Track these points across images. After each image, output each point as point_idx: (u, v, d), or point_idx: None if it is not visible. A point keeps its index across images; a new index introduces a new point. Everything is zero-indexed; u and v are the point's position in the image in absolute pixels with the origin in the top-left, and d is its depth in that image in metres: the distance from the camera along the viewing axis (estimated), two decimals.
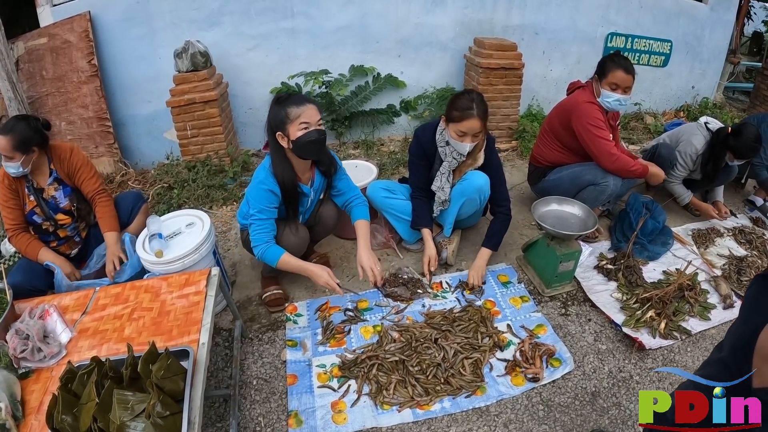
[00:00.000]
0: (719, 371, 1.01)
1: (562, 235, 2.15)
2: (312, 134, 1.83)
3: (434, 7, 3.63)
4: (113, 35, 3.24)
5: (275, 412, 1.75)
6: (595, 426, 1.72)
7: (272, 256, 1.94)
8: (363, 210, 2.18)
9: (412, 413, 1.71)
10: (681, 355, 2.04)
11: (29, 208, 2.13)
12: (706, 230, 2.89)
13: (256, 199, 1.92)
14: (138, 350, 1.32)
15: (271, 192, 1.91)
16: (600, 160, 2.46)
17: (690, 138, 2.82)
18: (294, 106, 1.82)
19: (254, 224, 1.95)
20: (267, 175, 1.92)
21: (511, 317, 2.15)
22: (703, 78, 5.02)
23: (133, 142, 3.62)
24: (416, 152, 2.32)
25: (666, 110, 4.88)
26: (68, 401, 1.18)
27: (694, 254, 2.66)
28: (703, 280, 2.44)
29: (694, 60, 4.83)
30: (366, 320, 2.11)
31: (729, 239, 2.84)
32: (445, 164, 2.27)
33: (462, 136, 2.12)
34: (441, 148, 2.26)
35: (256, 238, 1.95)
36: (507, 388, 1.82)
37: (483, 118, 2.09)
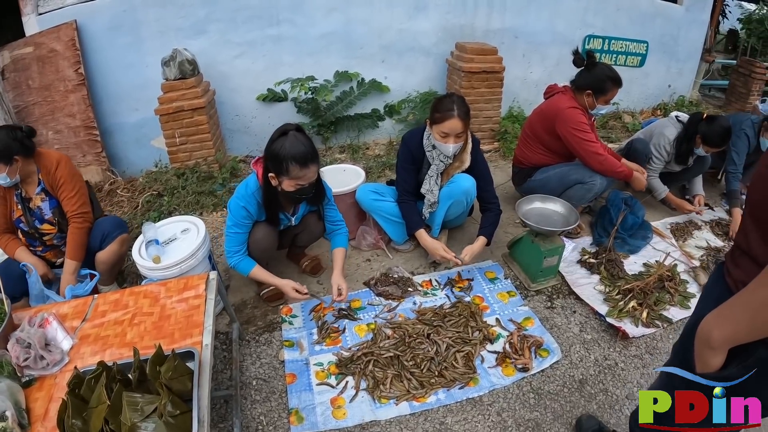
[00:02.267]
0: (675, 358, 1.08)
1: (546, 232, 2.24)
2: (305, 191, 1.93)
3: (417, 13, 3.71)
4: (100, 44, 3.24)
5: (276, 411, 1.79)
6: (584, 411, 1.81)
7: (244, 267, 2.07)
8: (343, 239, 2.25)
9: (409, 406, 1.78)
10: (663, 342, 2.14)
11: (16, 216, 2.13)
12: (684, 224, 3.03)
13: (233, 213, 2.02)
14: (142, 354, 1.35)
15: (247, 210, 1.99)
16: (589, 162, 2.56)
17: (662, 130, 2.94)
18: (298, 168, 1.83)
19: (228, 236, 2.05)
20: (247, 195, 1.99)
21: (499, 311, 2.23)
22: (680, 76, 5.21)
23: (120, 150, 3.62)
24: (405, 157, 2.39)
25: (644, 109, 5.05)
26: (77, 406, 1.20)
27: (673, 247, 2.78)
28: (682, 271, 2.55)
29: (670, 59, 5.01)
30: (360, 319, 2.17)
31: (706, 231, 2.98)
32: (433, 167, 2.35)
33: (445, 137, 2.20)
34: (428, 152, 2.34)
35: (228, 249, 2.06)
36: (498, 378, 1.90)
37: (464, 119, 2.17)
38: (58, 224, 2.19)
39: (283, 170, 1.84)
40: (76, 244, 2.13)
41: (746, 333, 0.79)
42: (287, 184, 1.89)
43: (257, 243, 2.09)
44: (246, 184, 2.01)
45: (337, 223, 2.26)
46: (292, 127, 1.88)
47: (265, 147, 1.90)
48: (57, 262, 2.26)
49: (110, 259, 2.22)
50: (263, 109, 3.69)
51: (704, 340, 0.86)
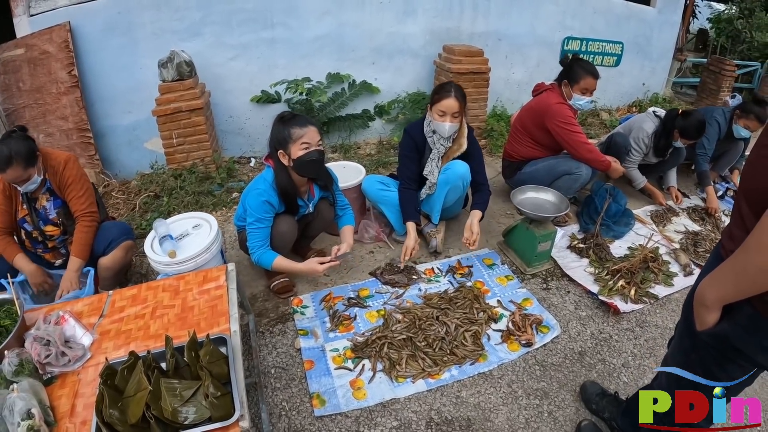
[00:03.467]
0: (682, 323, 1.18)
1: (540, 218, 2.40)
2: (312, 154, 2.01)
3: (405, 17, 3.85)
4: (93, 45, 3.23)
5: (297, 396, 1.86)
6: (586, 379, 1.96)
7: (267, 259, 2.11)
8: (350, 218, 2.42)
9: (425, 383, 1.88)
10: (652, 316, 2.33)
11: (21, 216, 2.11)
12: (663, 210, 3.25)
13: (254, 209, 2.06)
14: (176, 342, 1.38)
15: (269, 203, 2.06)
16: (578, 151, 2.72)
17: (641, 125, 3.16)
18: (297, 127, 1.97)
19: (251, 232, 2.10)
20: (267, 188, 2.06)
21: (499, 294, 2.37)
22: (653, 75, 5.51)
23: (112, 152, 3.60)
24: (407, 146, 2.53)
25: (620, 106, 5.33)
26: (112, 397, 1.21)
27: (654, 232, 2.98)
28: (664, 253, 2.75)
29: (644, 59, 5.31)
30: (369, 306, 2.27)
31: (684, 217, 3.21)
32: (434, 151, 2.51)
33: (442, 116, 2.37)
34: (429, 138, 2.50)
35: (253, 245, 2.10)
36: (505, 353, 2.03)
37: (460, 101, 2.36)
38: (62, 225, 2.19)
39: (288, 137, 1.98)
40: (83, 243, 2.13)
41: (733, 293, 0.90)
42: (295, 150, 1.99)
43: (283, 236, 2.16)
44: (263, 179, 2.09)
45: (344, 207, 2.42)
46: (287, 113, 2.06)
47: (269, 137, 2.04)
48: (56, 263, 2.25)
49: (114, 265, 2.22)
50: (257, 111, 3.74)
51: (700, 300, 0.98)
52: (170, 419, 1.19)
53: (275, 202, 2.08)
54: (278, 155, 2.04)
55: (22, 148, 1.92)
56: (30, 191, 2.07)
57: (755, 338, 0.93)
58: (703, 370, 1.09)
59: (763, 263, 0.80)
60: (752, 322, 0.91)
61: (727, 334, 0.96)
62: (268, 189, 2.06)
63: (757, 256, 0.81)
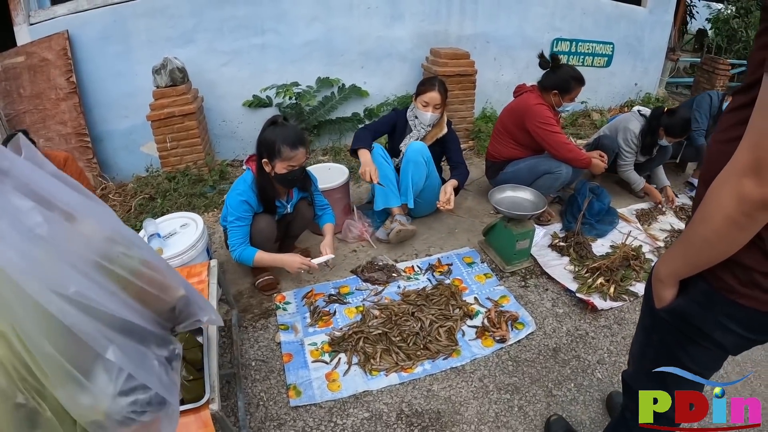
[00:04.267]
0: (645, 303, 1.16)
1: (517, 216, 2.45)
2: (295, 173, 2.12)
3: (393, 21, 3.93)
4: (91, 53, 3.36)
5: (275, 387, 1.93)
6: (559, 375, 2.00)
7: (248, 255, 2.20)
8: (330, 217, 2.51)
9: (398, 376, 1.94)
10: (630, 314, 2.35)
11: None
12: (649, 209, 3.27)
13: (234, 208, 2.16)
14: None
15: (247, 203, 2.15)
16: (557, 151, 2.77)
17: (627, 125, 3.20)
18: (288, 149, 2.04)
19: (231, 230, 2.20)
20: (246, 189, 2.16)
21: (477, 291, 2.42)
22: (645, 75, 5.52)
23: (110, 156, 3.72)
24: (389, 117, 2.86)
25: (611, 106, 5.35)
26: None
27: (638, 230, 3.01)
28: (647, 251, 2.78)
29: (635, 59, 5.32)
30: (349, 302, 2.34)
31: (671, 216, 3.23)
32: (414, 132, 2.78)
33: (425, 106, 2.64)
34: (411, 121, 2.79)
35: (233, 242, 2.20)
36: (479, 349, 2.08)
37: (442, 94, 2.64)
38: None
39: (276, 153, 2.04)
40: None
41: (683, 266, 0.91)
42: (279, 167, 2.07)
43: (262, 232, 2.24)
44: (243, 180, 2.18)
45: (323, 207, 2.51)
46: (279, 118, 2.11)
47: (258, 137, 2.09)
48: None
49: None
50: (249, 115, 3.84)
51: (655, 275, 1.00)
52: None
53: (253, 203, 2.17)
54: (262, 161, 2.12)
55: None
56: None
57: (710, 314, 0.93)
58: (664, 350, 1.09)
59: (706, 233, 0.82)
60: (706, 297, 0.92)
61: (684, 310, 0.97)
62: (247, 190, 2.15)
63: (700, 227, 0.83)
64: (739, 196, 0.72)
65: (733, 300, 0.87)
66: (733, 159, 0.74)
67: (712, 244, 0.82)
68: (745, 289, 0.86)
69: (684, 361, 1.06)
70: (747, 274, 0.85)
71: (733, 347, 0.99)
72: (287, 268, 2.26)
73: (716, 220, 0.78)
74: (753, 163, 0.69)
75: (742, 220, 0.74)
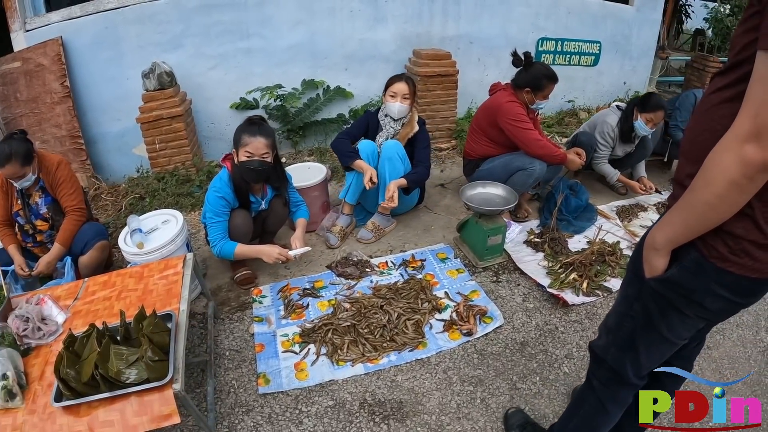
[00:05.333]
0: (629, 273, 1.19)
1: (487, 212, 2.51)
2: (252, 163, 2.21)
3: (376, 24, 4.00)
4: (84, 58, 3.48)
5: (246, 376, 2.01)
6: (524, 369, 2.04)
7: (228, 249, 2.31)
8: (304, 212, 2.61)
9: (363, 367, 2.01)
10: (603, 309, 2.38)
11: (15, 210, 2.38)
12: (630, 206, 3.29)
13: (212, 204, 2.27)
14: (128, 318, 1.60)
15: (224, 199, 2.26)
16: (528, 148, 2.81)
17: (605, 119, 3.25)
18: (247, 135, 2.19)
19: (210, 226, 2.30)
20: (222, 185, 2.27)
21: (448, 286, 2.49)
22: (634, 74, 5.52)
23: (103, 158, 3.84)
24: (361, 121, 2.95)
25: (600, 105, 5.33)
26: (71, 359, 1.42)
27: (617, 227, 3.04)
28: (625, 247, 2.80)
29: (623, 58, 5.32)
30: (322, 296, 2.42)
31: (652, 212, 3.24)
32: (383, 131, 2.88)
33: (393, 97, 2.74)
34: (382, 121, 2.89)
35: (213, 238, 2.31)
36: (445, 342, 2.14)
37: (409, 84, 2.75)
38: (51, 220, 2.43)
39: (238, 141, 2.20)
40: (68, 233, 2.38)
41: (682, 232, 0.95)
42: (241, 154, 2.20)
43: (238, 227, 2.35)
44: (219, 177, 2.30)
45: (298, 203, 2.61)
46: (256, 118, 2.27)
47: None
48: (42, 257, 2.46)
49: (91, 263, 2.44)
50: (236, 117, 3.92)
51: (650, 244, 1.02)
52: (114, 378, 1.40)
53: (230, 198, 2.28)
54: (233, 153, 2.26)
55: (20, 148, 2.21)
56: (25, 188, 2.33)
57: (702, 282, 0.97)
58: (644, 319, 1.12)
59: (708, 198, 0.86)
60: (699, 266, 0.96)
61: (676, 279, 1.01)
62: (223, 186, 2.26)
63: (702, 192, 0.87)
64: (742, 161, 0.79)
65: (723, 268, 0.93)
66: (733, 128, 0.80)
67: (715, 207, 0.87)
68: (735, 257, 0.92)
69: (661, 330, 1.11)
70: (737, 242, 0.91)
71: (719, 312, 1.05)
72: (265, 259, 2.34)
73: (719, 184, 0.83)
74: (754, 130, 0.77)
75: (744, 182, 0.81)
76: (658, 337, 1.13)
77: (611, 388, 1.29)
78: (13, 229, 2.42)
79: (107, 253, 2.58)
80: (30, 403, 1.44)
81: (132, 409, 1.40)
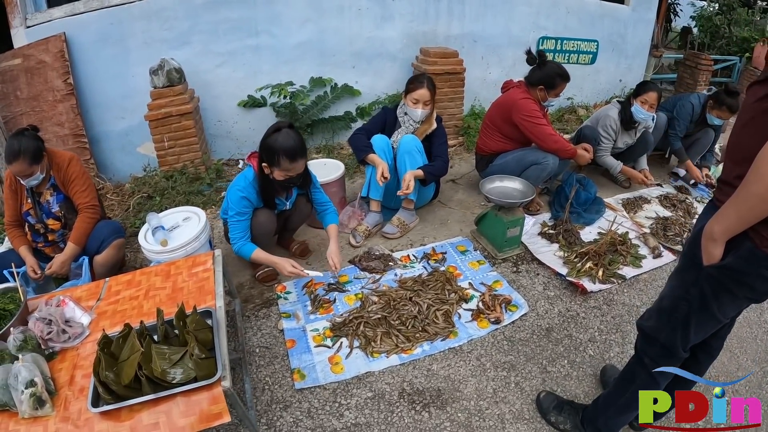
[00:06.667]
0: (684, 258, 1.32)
1: (507, 204, 2.56)
2: (292, 180, 2.20)
3: (383, 22, 4.03)
4: (88, 55, 3.40)
5: (280, 372, 2.00)
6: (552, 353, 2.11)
7: (246, 251, 2.27)
8: (333, 217, 2.52)
9: (398, 357, 2.03)
10: (619, 296, 2.48)
11: (25, 209, 2.31)
12: (634, 198, 3.40)
13: (234, 203, 2.24)
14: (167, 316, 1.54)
15: (247, 199, 2.23)
16: (544, 143, 2.88)
17: (607, 113, 3.35)
18: (288, 161, 2.09)
19: (232, 224, 2.26)
20: (246, 185, 2.23)
21: (471, 277, 2.52)
22: (629, 71, 5.68)
23: (107, 157, 3.76)
24: (380, 116, 2.94)
25: (597, 103, 5.49)
26: (108, 361, 1.36)
27: (624, 218, 3.13)
28: (633, 237, 2.90)
29: (619, 56, 5.48)
30: (348, 290, 2.42)
31: (656, 205, 3.35)
32: (403, 128, 2.86)
33: (416, 104, 2.73)
34: (400, 117, 2.87)
35: (234, 236, 2.27)
36: (475, 330, 2.18)
37: (431, 90, 2.72)
38: (64, 218, 2.36)
39: (275, 162, 2.10)
40: (82, 232, 2.30)
41: (736, 223, 1.06)
42: (278, 174, 2.15)
43: (261, 226, 2.32)
44: (244, 176, 2.25)
45: (324, 204, 2.52)
46: (285, 125, 2.14)
47: (261, 140, 2.15)
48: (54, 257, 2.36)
49: (107, 262, 2.38)
50: (244, 115, 3.91)
51: (708, 235, 1.13)
52: (160, 378, 1.34)
53: (253, 199, 2.25)
54: (263, 163, 2.17)
55: (30, 146, 2.13)
56: (33, 186, 2.25)
57: (753, 267, 1.10)
58: (699, 301, 1.25)
59: (760, 191, 0.97)
60: (751, 254, 1.09)
61: (732, 266, 1.13)
62: (248, 186, 2.22)
63: (754, 186, 0.98)
64: None
65: None
66: None
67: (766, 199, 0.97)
68: None
69: (713, 311, 1.24)
70: None
71: (765, 293, 1.18)
72: (278, 270, 2.31)
73: None
74: None
75: None
76: (709, 316, 1.26)
77: (662, 362, 1.38)
78: (23, 230, 2.35)
79: (123, 252, 2.52)
80: (62, 410, 1.37)
81: (179, 409, 1.34)
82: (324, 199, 2.53)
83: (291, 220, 2.58)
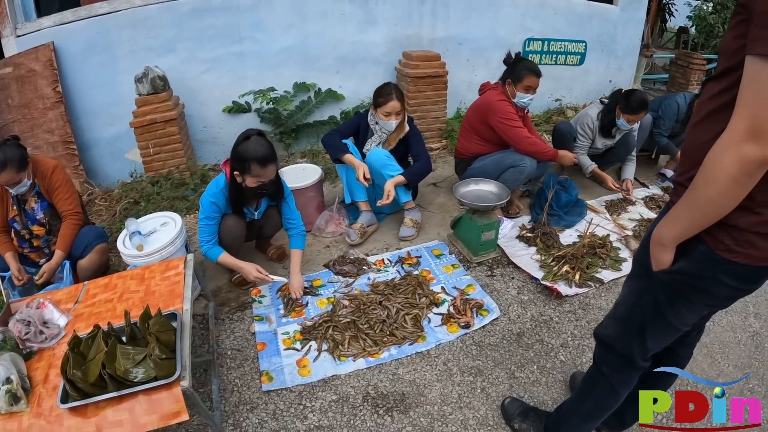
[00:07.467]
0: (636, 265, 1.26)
1: (481, 208, 2.58)
2: (264, 187, 2.22)
3: (367, 26, 4.05)
4: (76, 63, 3.47)
5: (249, 374, 2.04)
6: (522, 359, 2.11)
7: (213, 254, 2.32)
8: (300, 241, 2.48)
9: (365, 361, 2.06)
10: (596, 300, 2.46)
11: (11, 216, 2.38)
12: (618, 200, 3.37)
13: (204, 207, 2.29)
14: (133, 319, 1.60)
15: (216, 205, 2.28)
16: (519, 145, 2.89)
17: (587, 111, 3.35)
18: (258, 167, 2.11)
19: (201, 228, 2.32)
20: (217, 192, 2.27)
21: (444, 281, 2.54)
22: (620, 72, 5.64)
23: (96, 163, 3.83)
24: (352, 122, 2.98)
25: (586, 104, 5.44)
26: (77, 360, 1.43)
27: (606, 220, 3.12)
28: (614, 240, 2.88)
29: (609, 57, 5.44)
30: (321, 294, 2.46)
31: (640, 206, 3.33)
32: (375, 136, 2.91)
33: (388, 116, 2.78)
34: (372, 126, 2.91)
35: (202, 239, 2.32)
36: (443, 335, 2.20)
37: (401, 100, 2.78)
38: (48, 225, 2.44)
39: (247, 169, 2.14)
40: (67, 238, 2.38)
41: (687, 228, 1.01)
42: (250, 181, 2.18)
43: (229, 230, 2.36)
44: (216, 182, 2.30)
45: (292, 222, 2.48)
46: (254, 132, 2.18)
47: (231, 149, 2.19)
48: (40, 262, 2.48)
49: (91, 266, 2.44)
50: (229, 120, 3.96)
51: (657, 240, 1.08)
52: (122, 377, 1.41)
53: (222, 205, 2.30)
54: (234, 172, 2.20)
55: (15, 155, 2.20)
56: (20, 193, 2.33)
57: (711, 272, 1.05)
58: (653, 309, 1.19)
59: (711, 194, 0.93)
60: (707, 258, 1.03)
61: (686, 271, 1.07)
62: (218, 193, 2.27)
63: (705, 190, 0.94)
64: (742, 159, 0.85)
65: (730, 259, 1.00)
66: (729, 130, 0.86)
67: (717, 203, 0.93)
68: (740, 248, 0.99)
69: (669, 318, 1.19)
70: (741, 235, 0.98)
71: (724, 299, 1.14)
72: (244, 276, 2.36)
73: (721, 182, 0.90)
74: (752, 130, 0.82)
75: (744, 179, 0.87)
76: (665, 324, 1.21)
77: (621, 371, 1.37)
78: (9, 236, 2.42)
79: (107, 256, 2.59)
80: (35, 407, 1.44)
81: (141, 407, 1.41)
82: (292, 216, 2.48)
83: (264, 230, 2.62)
